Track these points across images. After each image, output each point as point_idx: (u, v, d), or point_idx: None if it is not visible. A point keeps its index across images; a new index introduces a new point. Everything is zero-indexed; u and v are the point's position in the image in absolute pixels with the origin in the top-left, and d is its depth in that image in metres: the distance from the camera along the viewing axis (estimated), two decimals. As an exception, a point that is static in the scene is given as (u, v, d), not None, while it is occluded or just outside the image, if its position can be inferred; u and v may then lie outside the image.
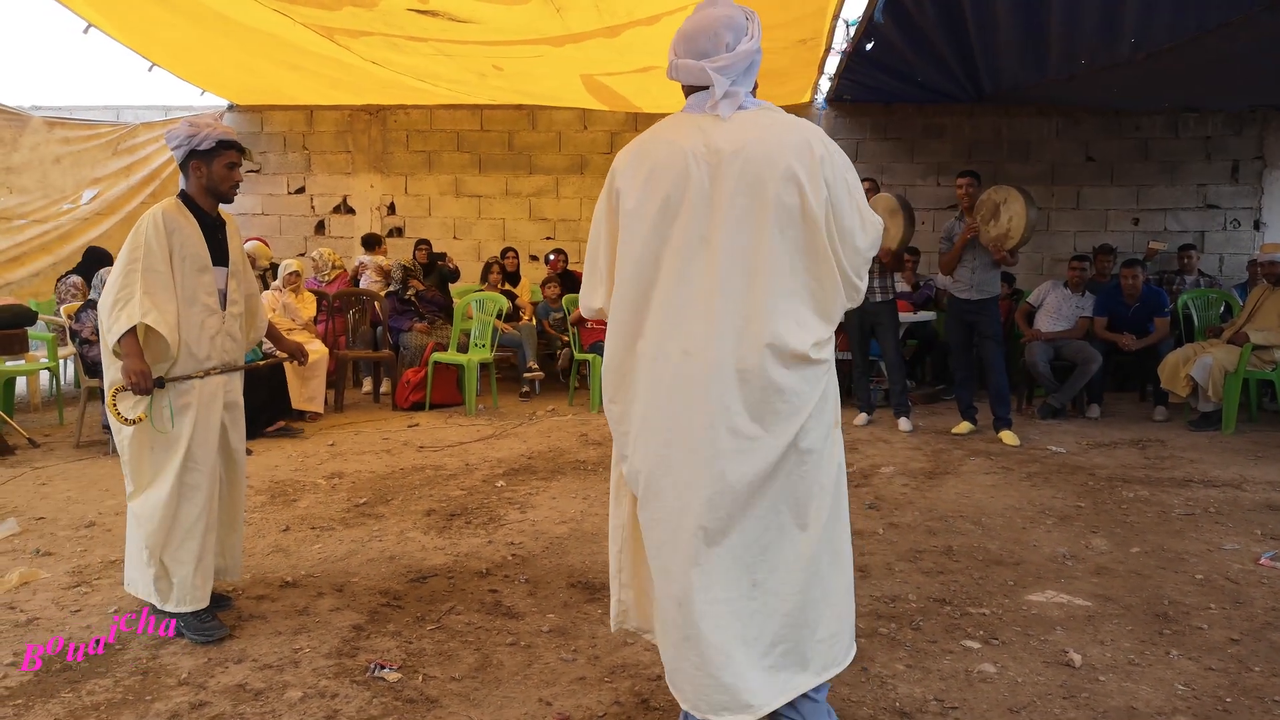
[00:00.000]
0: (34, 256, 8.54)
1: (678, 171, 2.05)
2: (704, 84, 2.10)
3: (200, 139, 3.06)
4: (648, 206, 2.07)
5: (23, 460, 5.50)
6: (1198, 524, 4.31)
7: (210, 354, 3.10)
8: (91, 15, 6.89)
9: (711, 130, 2.07)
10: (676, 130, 2.12)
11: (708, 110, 2.11)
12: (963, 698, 2.63)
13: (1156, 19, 5.18)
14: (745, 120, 2.09)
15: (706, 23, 2.12)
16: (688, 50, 2.12)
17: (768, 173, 2.01)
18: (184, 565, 3.00)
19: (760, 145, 2.03)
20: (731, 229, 2.03)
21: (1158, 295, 7.27)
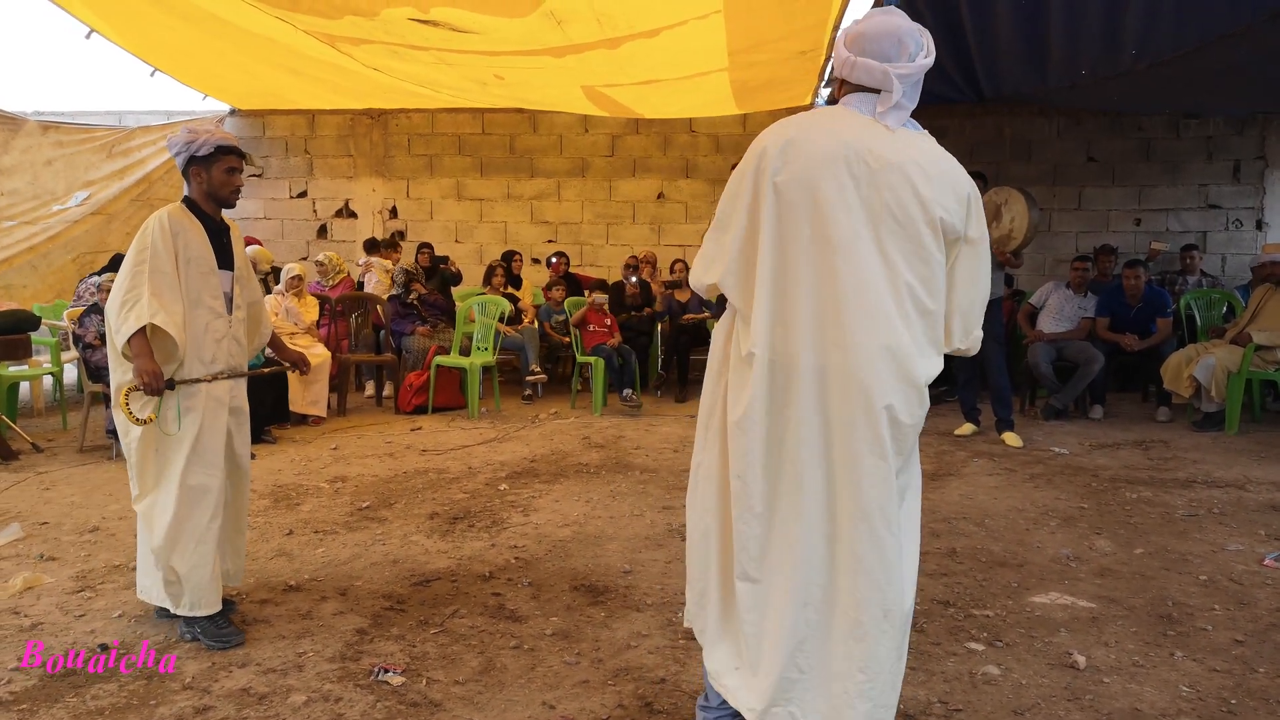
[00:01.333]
0: (22, 258, 8.57)
1: (836, 167, 1.98)
2: (878, 87, 2.04)
3: (198, 145, 3.06)
4: (799, 197, 1.99)
5: (26, 465, 5.51)
6: (1201, 525, 4.30)
7: (216, 357, 3.11)
8: (94, 21, 6.91)
9: (878, 136, 2.02)
10: (839, 121, 2.04)
11: (876, 115, 2.05)
12: (967, 700, 2.62)
13: (1158, 30, 5.18)
14: (909, 137, 2.06)
15: (890, 28, 2.05)
16: (869, 50, 2.04)
17: (919, 195, 1.99)
18: (198, 570, 3.00)
19: (917, 161, 2.01)
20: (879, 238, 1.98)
21: (1160, 296, 7.27)
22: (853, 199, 1.98)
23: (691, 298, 8.74)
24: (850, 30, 2.10)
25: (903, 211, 1.98)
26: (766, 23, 5.84)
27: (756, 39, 6.20)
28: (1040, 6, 5.34)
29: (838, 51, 2.10)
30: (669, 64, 6.76)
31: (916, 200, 1.98)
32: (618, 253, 9.84)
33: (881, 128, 2.04)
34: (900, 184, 1.98)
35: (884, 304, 1.97)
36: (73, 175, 8.85)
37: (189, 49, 7.52)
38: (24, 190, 8.54)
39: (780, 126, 2.07)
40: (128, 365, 2.99)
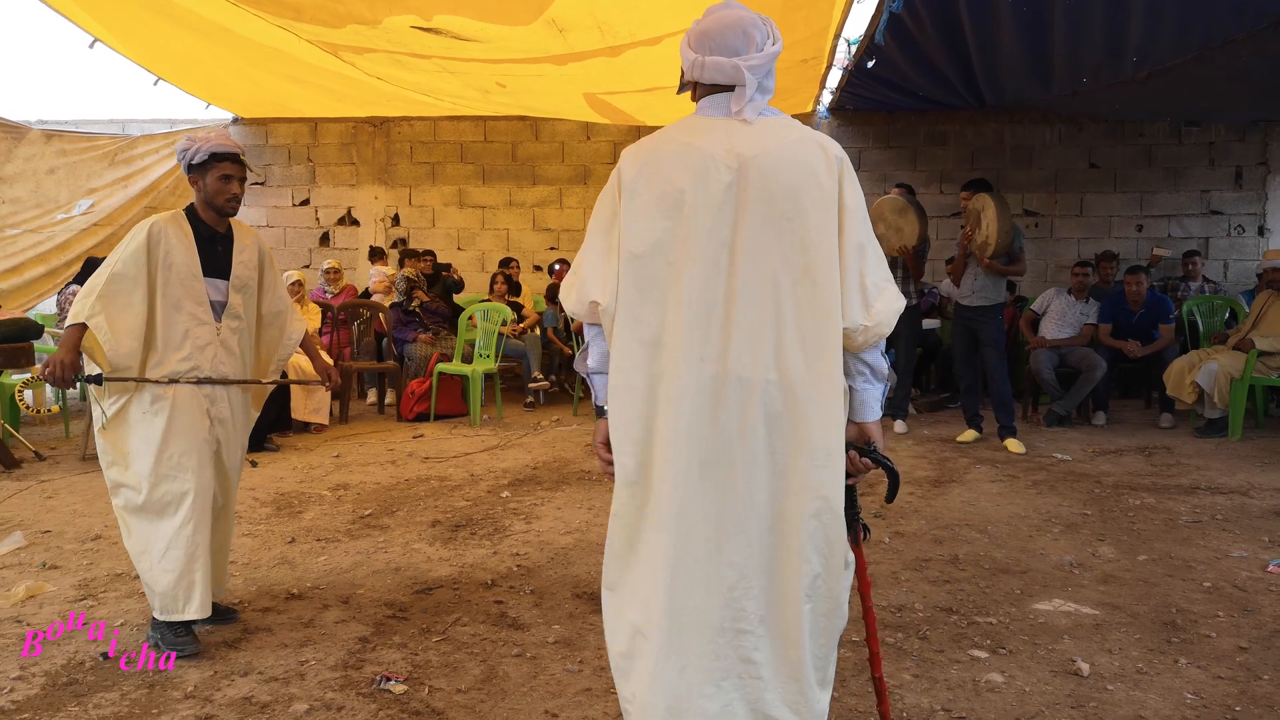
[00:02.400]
0: (29, 266, 8.58)
1: (696, 173, 1.94)
2: (732, 83, 1.99)
3: (194, 152, 3.02)
4: (664, 207, 1.95)
5: (29, 473, 5.51)
6: (1205, 531, 4.29)
7: (198, 364, 3.05)
8: (97, 30, 6.93)
9: (735, 133, 1.97)
10: (693, 133, 2.00)
11: (732, 114, 1.99)
12: (970, 707, 2.62)
13: (1159, 37, 5.19)
14: (768, 126, 2.00)
15: (733, 21, 2.00)
16: (716, 48, 1.99)
17: (788, 179, 1.93)
18: (167, 574, 2.95)
19: (780, 151, 1.95)
20: (754, 236, 1.92)
21: (1162, 302, 7.27)
22: (728, 201, 1.93)
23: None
24: (692, 30, 2.03)
25: (774, 203, 1.92)
26: (767, 31, 5.85)
27: (758, 47, 6.21)
28: (1042, 14, 5.34)
29: (685, 55, 2.02)
30: (671, 72, 6.70)
31: (787, 187, 1.92)
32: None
33: (739, 124, 1.98)
34: (768, 173, 1.93)
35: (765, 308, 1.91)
36: (75, 184, 8.87)
37: (192, 58, 7.55)
38: (26, 199, 8.57)
39: (635, 148, 2.04)
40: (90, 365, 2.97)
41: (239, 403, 3.24)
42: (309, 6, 5.41)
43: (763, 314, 1.91)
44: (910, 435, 6.68)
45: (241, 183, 3.13)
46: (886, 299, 1.99)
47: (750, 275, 1.92)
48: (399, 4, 5.30)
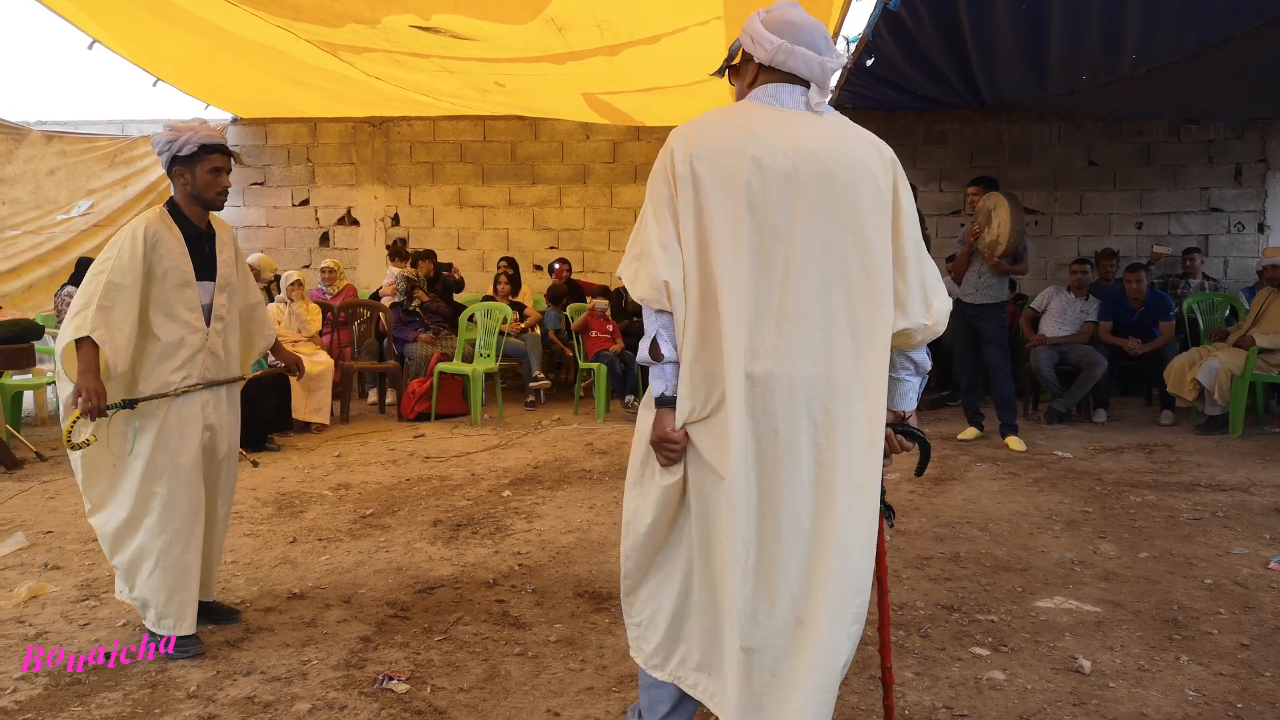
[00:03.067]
0: (30, 268, 8.58)
1: (757, 163, 1.90)
2: (809, 78, 1.99)
3: (181, 144, 2.89)
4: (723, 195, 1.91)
5: (30, 474, 5.51)
6: (1206, 528, 4.30)
7: (189, 372, 2.97)
8: (96, 31, 6.94)
9: (795, 126, 1.96)
10: (755, 120, 1.97)
11: (812, 107, 1.99)
12: (972, 705, 2.62)
13: (1158, 35, 5.19)
14: (829, 123, 2.00)
15: (815, 22, 2.01)
16: (805, 40, 1.97)
17: (848, 177, 1.93)
18: (158, 593, 2.91)
19: (843, 150, 1.95)
20: (812, 230, 1.91)
21: (1162, 299, 7.27)
22: (782, 198, 1.90)
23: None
24: (774, 16, 2.02)
25: (833, 199, 1.92)
26: (767, 29, 5.85)
27: (757, 45, 6.21)
28: (1040, 13, 5.34)
29: (763, 36, 1.99)
30: (669, 71, 6.78)
31: (843, 185, 1.92)
32: (619, 259, 9.82)
33: (799, 116, 1.98)
34: (830, 171, 1.92)
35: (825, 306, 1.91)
36: (75, 184, 8.87)
37: (191, 59, 7.55)
38: (26, 200, 8.57)
39: (688, 128, 1.99)
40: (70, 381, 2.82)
41: (229, 404, 3.17)
42: (308, 6, 5.41)
43: (817, 310, 1.90)
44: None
45: (229, 174, 3.03)
46: (942, 298, 2.03)
47: (806, 270, 1.90)
48: (398, 3, 5.30)
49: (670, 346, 1.97)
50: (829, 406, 1.90)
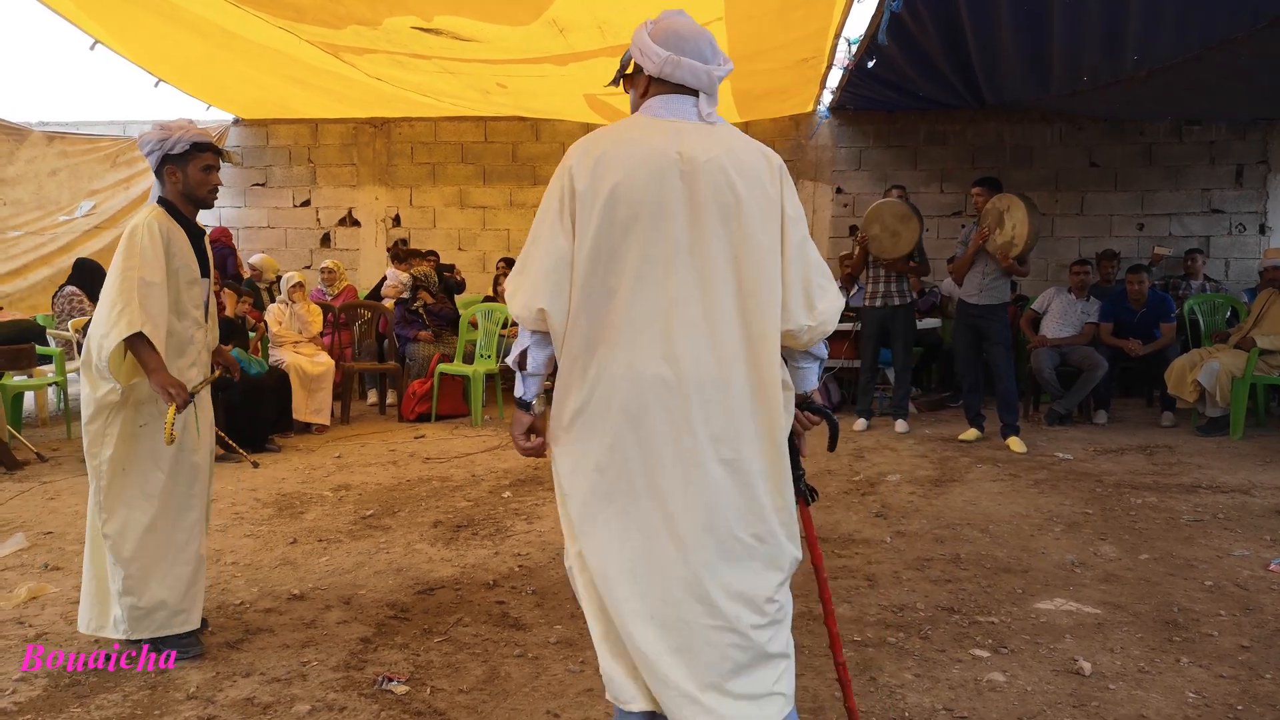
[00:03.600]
0: (32, 268, 8.59)
1: (652, 174, 1.95)
2: (698, 88, 2.04)
3: (172, 142, 2.88)
4: (619, 206, 1.94)
5: (31, 475, 5.51)
6: (1207, 530, 4.29)
7: (199, 370, 3.00)
8: (98, 32, 6.94)
9: (686, 135, 2.00)
10: (646, 132, 2.01)
11: (703, 117, 2.04)
12: (972, 707, 2.62)
13: (1159, 36, 5.19)
14: (719, 132, 2.05)
15: (700, 31, 2.05)
16: (690, 51, 2.01)
17: (737, 183, 1.97)
18: (175, 588, 2.89)
19: (731, 157, 1.99)
20: (706, 237, 1.96)
21: (1163, 300, 7.27)
22: (677, 207, 1.95)
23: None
24: (660, 28, 2.04)
25: (724, 206, 1.96)
26: (767, 30, 5.86)
27: (758, 46, 6.22)
28: (1041, 13, 5.35)
29: (651, 49, 2.02)
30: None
31: (736, 191, 1.96)
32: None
33: (690, 126, 2.02)
34: (717, 180, 1.96)
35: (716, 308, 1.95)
36: (77, 185, 8.88)
37: (193, 59, 7.56)
38: (28, 200, 8.57)
39: (583, 145, 2.02)
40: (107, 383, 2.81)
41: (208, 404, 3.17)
42: (310, 7, 5.41)
43: (713, 314, 1.95)
44: (912, 434, 6.68)
45: (218, 173, 3.03)
46: (829, 299, 2.06)
47: (702, 276, 1.96)
48: (400, 5, 5.30)
49: (538, 361, 2.04)
50: (728, 405, 1.95)
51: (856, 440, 6.49)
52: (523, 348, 2.05)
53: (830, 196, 9.66)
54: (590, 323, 1.97)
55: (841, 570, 3.77)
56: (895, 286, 6.76)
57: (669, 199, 1.95)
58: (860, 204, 9.65)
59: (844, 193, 9.66)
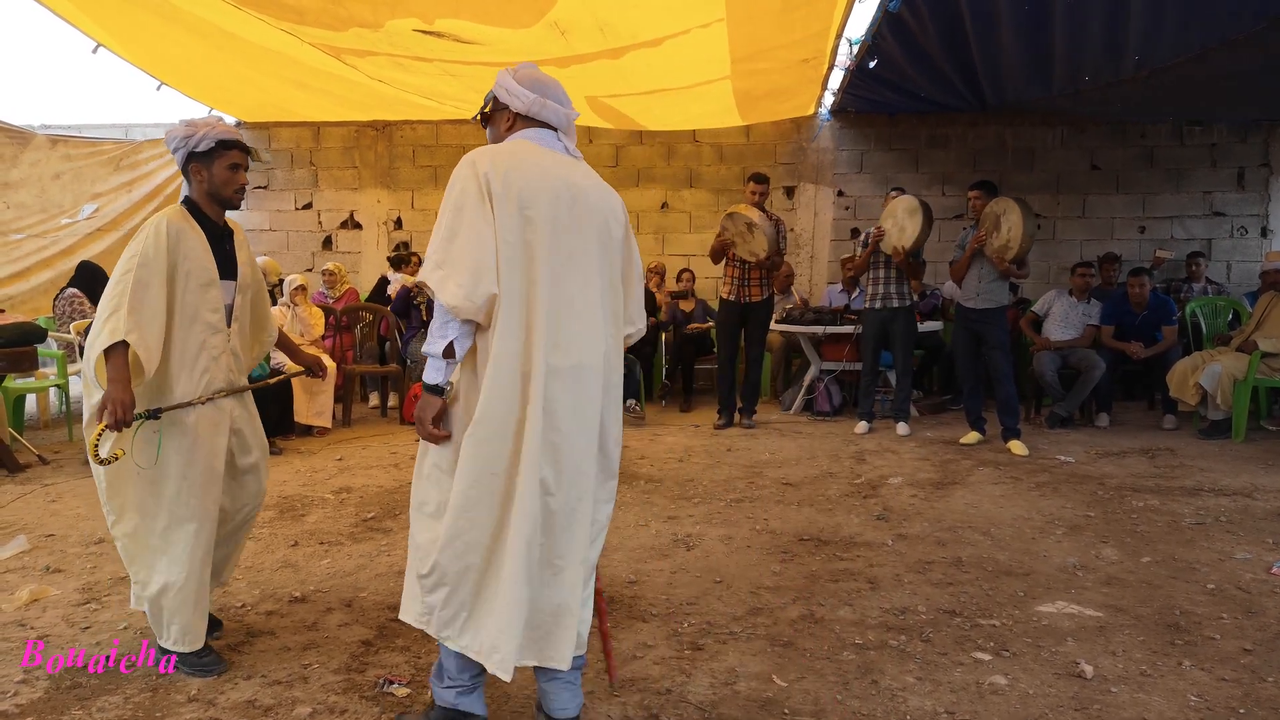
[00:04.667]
0: (35, 271, 8.59)
1: (552, 192, 2.28)
2: (557, 126, 2.42)
3: (198, 139, 2.82)
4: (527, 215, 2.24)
5: (33, 477, 5.52)
6: (1209, 533, 4.29)
7: (214, 377, 2.88)
8: (100, 35, 6.95)
9: (567, 164, 2.38)
10: (542, 156, 2.35)
11: (569, 152, 2.43)
12: (974, 710, 2.61)
13: (1160, 37, 5.19)
14: (586, 167, 2.45)
15: (552, 78, 2.46)
16: (552, 95, 2.41)
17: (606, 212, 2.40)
18: (185, 607, 2.83)
19: (598, 189, 2.41)
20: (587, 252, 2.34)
21: (1165, 304, 7.26)
22: (568, 220, 2.30)
23: (696, 307, 8.76)
24: (524, 76, 2.41)
25: (597, 229, 2.37)
26: (769, 31, 5.87)
27: (759, 47, 6.23)
28: (1043, 14, 5.35)
29: (518, 92, 2.39)
30: (672, 73, 6.79)
31: (602, 217, 2.39)
32: (622, 263, 9.84)
33: (570, 159, 2.42)
34: (594, 204, 2.37)
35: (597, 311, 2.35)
36: (80, 188, 8.88)
37: (195, 62, 7.57)
38: (31, 204, 8.58)
39: (493, 153, 2.28)
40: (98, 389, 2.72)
41: (250, 405, 3.11)
42: (312, 10, 5.42)
43: (595, 313, 2.35)
44: (913, 437, 6.68)
45: (246, 171, 2.97)
46: (645, 312, 2.64)
47: (588, 281, 2.34)
48: (401, 7, 5.31)
49: (464, 350, 2.27)
50: (606, 387, 2.38)
51: (858, 443, 6.48)
52: (450, 338, 2.24)
53: (831, 199, 9.66)
54: (510, 315, 2.23)
55: (843, 573, 3.76)
56: (895, 289, 6.76)
57: (562, 214, 2.29)
58: (861, 207, 9.65)
59: (845, 195, 9.66)
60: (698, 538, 4.25)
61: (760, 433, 6.93)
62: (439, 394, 2.28)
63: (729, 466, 5.76)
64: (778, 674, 2.84)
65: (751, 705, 2.65)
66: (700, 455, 6.12)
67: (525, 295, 2.24)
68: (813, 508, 4.78)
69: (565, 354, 2.27)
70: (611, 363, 2.41)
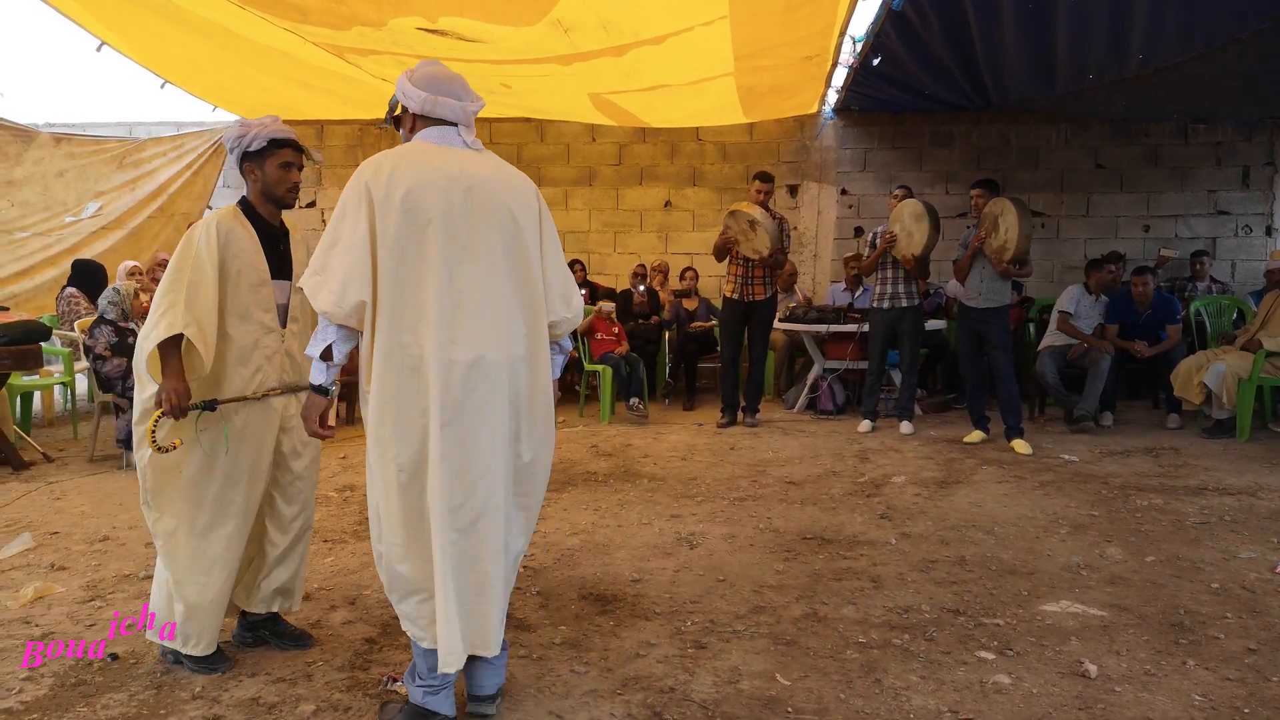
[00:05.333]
0: (40, 269, 8.61)
1: (440, 189, 2.31)
2: (455, 120, 2.44)
3: (250, 138, 2.82)
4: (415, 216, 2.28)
5: (37, 475, 5.53)
6: (1213, 532, 4.28)
7: (268, 375, 2.87)
8: (104, 34, 6.96)
9: (464, 159, 2.40)
10: (430, 156, 2.38)
11: (468, 145, 2.45)
12: (977, 709, 2.61)
13: (1164, 36, 5.18)
14: (488, 157, 2.48)
15: (450, 74, 2.48)
16: (445, 91, 2.43)
17: (510, 200, 2.41)
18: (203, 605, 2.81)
19: (501, 179, 2.43)
20: (487, 243, 2.35)
21: (1169, 302, 7.24)
22: (462, 214, 2.32)
23: (699, 306, 8.76)
24: (418, 76, 2.45)
25: (498, 219, 2.38)
26: (772, 29, 5.86)
27: (762, 44, 6.22)
28: (1047, 13, 5.34)
29: (411, 92, 2.43)
30: (675, 70, 6.78)
31: (505, 206, 2.40)
32: (625, 261, 9.85)
33: (469, 152, 2.44)
34: (493, 194, 2.38)
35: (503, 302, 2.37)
36: (83, 186, 8.89)
37: (199, 61, 7.57)
38: (35, 202, 8.59)
39: (379, 161, 2.35)
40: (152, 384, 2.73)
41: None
42: (315, 9, 5.42)
43: (499, 305, 2.36)
44: (916, 436, 6.67)
45: (300, 170, 2.96)
46: (577, 297, 2.61)
47: (489, 273, 2.35)
48: (405, 6, 5.31)
49: (343, 354, 2.37)
50: (514, 381, 2.38)
51: (861, 442, 6.48)
52: (328, 342, 2.35)
53: (835, 198, 9.65)
54: (393, 312, 2.29)
55: (846, 572, 3.76)
56: (904, 288, 6.76)
57: (455, 208, 2.32)
58: (865, 205, 9.64)
59: (849, 194, 9.65)
60: (701, 536, 4.25)
61: (763, 431, 6.93)
62: (323, 394, 2.41)
63: (732, 465, 5.75)
64: (781, 673, 2.84)
65: (755, 704, 2.65)
66: (703, 454, 6.11)
67: (417, 293, 2.29)
68: (816, 506, 4.77)
69: (465, 348, 2.30)
70: (529, 354, 2.43)
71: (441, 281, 2.29)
